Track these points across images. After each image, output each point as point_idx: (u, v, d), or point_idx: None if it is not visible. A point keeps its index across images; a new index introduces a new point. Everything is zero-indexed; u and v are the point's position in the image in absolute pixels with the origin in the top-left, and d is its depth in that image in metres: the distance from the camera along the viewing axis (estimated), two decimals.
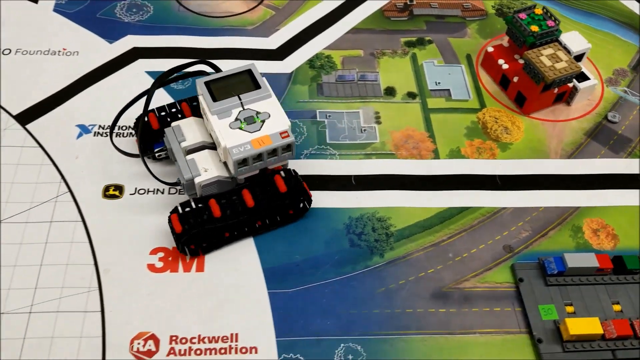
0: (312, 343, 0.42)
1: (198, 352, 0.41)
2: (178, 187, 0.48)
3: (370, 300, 0.44)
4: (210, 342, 0.42)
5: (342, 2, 0.65)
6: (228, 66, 0.57)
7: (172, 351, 0.41)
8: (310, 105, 0.56)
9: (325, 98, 0.56)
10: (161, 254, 0.45)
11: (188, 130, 0.47)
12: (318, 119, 0.55)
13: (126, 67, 0.57)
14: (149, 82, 0.56)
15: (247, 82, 0.46)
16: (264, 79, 0.47)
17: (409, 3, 0.66)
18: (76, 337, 0.41)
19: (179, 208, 0.44)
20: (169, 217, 0.44)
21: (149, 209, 0.48)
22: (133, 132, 0.52)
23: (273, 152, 0.44)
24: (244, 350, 0.41)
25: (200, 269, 0.45)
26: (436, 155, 0.53)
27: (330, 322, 0.43)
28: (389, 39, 0.62)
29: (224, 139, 0.43)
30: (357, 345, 0.42)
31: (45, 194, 0.48)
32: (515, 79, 0.56)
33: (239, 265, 0.45)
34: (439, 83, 0.58)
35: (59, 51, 0.58)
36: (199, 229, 0.43)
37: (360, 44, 0.61)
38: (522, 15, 0.57)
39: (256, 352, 0.41)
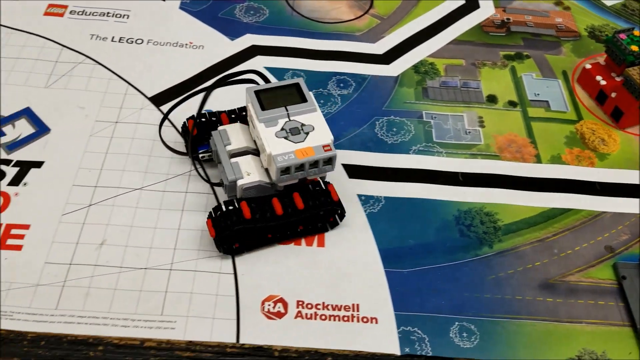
0: (428, 319, 0.45)
1: (323, 317, 0.44)
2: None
3: (481, 285, 0.47)
4: (333, 309, 0.45)
5: (442, 16, 0.69)
6: (336, 67, 0.62)
7: (299, 314, 0.44)
8: (417, 106, 0.60)
9: (431, 101, 0.60)
10: None
11: (233, 135, 0.49)
12: (424, 119, 0.58)
13: (246, 62, 0.62)
14: (268, 76, 0.61)
15: (294, 94, 0.49)
16: (310, 93, 0.49)
17: (505, 20, 0.70)
18: (212, 294, 0.45)
19: (212, 213, 0.46)
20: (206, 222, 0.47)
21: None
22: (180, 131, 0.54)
23: (315, 163, 0.46)
24: (365, 319, 0.45)
25: (321, 244, 0.49)
26: (538, 160, 0.56)
27: (444, 301, 0.46)
28: (488, 52, 0.66)
29: (269, 146, 0.45)
30: (470, 325, 0.45)
31: (180, 167, 0.52)
32: (614, 95, 0.59)
33: (356, 244, 0.49)
34: (538, 94, 0.62)
35: (186, 44, 0.63)
36: (230, 231, 0.45)
37: (462, 54, 0.65)
38: (622, 36, 0.60)
39: (376, 323, 0.44)
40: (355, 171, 0.54)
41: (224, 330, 0.43)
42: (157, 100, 0.58)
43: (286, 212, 0.46)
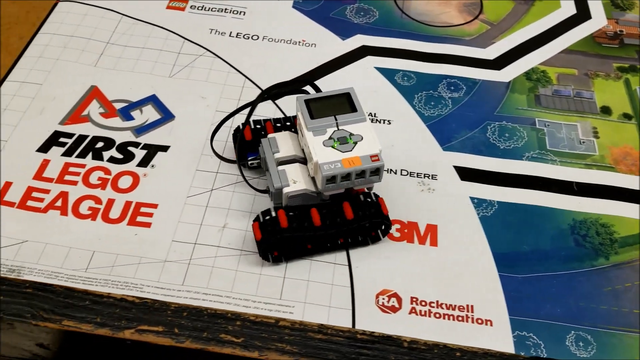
0: (543, 325, 0.44)
1: (437, 315, 0.45)
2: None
3: (597, 296, 0.46)
4: (447, 308, 0.45)
5: (552, 25, 0.69)
6: (446, 70, 0.63)
7: (413, 310, 0.45)
8: (529, 113, 0.59)
9: (543, 108, 0.60)
10: (398, 226, 0.50)
11: (282, 143, 0.49)
12: (537, 127, 0.58)
13: (357, 62, 0.63)
14: (378, 76, 0.62)
15: (344, 104, 0.48)
16: (360, 102, 0.48)
17: (619, 32, 0.68)
18: (328, 284, 0.46)
19: (260, 217, 0.47)
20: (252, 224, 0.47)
21: (383, 185, 0.52)
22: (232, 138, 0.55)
23: (361, 173, 0.46)
24: (479, 321, 0.45)
25: (433, 243, 0.49)
26: None
27: (559, 309, 0.45)
28: (601, 63, 0.65)
29: (316, 154, 0.45)
30: (587, 335, 0.44)
31: None
32: None
33: (469, 246, 0.49)
34: None
35: (299, 42, 0.65)
36: (274, 238, 0.45)
37: (574, 64, 0.64)
38: None
39: (491, 325, 0.44)
40: (467, 174, 0.54)
41: (340, 319, 0.44)
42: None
43: (325, 222, 0.46)
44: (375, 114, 0.58)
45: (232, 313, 0.37)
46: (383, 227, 0.48)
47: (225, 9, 0.68)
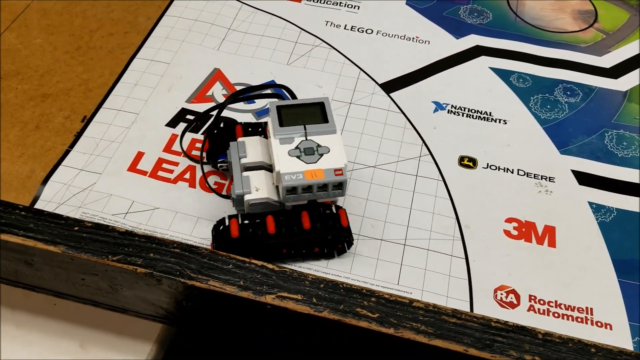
0: None
1: (555, 315, 0.45)
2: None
3: None
4: (566, 309, 0.45)
5: None
6: (561, 75, 0.62)
7: (531, 308, 0.45)
8: None
9: None
10: (515, 224, 0.50)
11: (251, 148, 0.48)
12: None
13: (470, 61, 0.64)
14: (492, 77, 0.62)
15: (316, 114, 0.47)
16: (333, 114, 0.47)
17: None
18: (445, 274, 0.47)
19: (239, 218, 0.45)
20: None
21: (499, 183, 0.53)
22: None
23: (324, 186, 0.44)
24: (599, 324, 0.44)
25: (551, 244, 0.49)
26: None
27: None
28: None
29: (279, 164, 0.44)
30: None
31: (410, 152, 0.55)
32: None
33: (588, 250, 0.48)
34: None
35: (413, 38, 0.66)
36: (225, 247, 0.44)
37: None
38: None
39: (610, 329, 0.44)
40: (585, 179, 0.53)
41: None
42: (387, 87, 0.61)
43: (281, 231, 0.44)
44: (490, 112, 0.58)
45: (366, 289, 0.38)
46: (344, 239, 0.46)
47: (340, 3, 0.70)
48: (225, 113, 0.57)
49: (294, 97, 0.52)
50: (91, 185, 0.50)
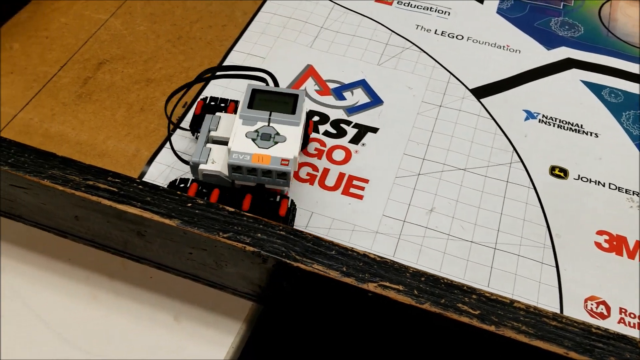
0: None
1: None
2: None
3: None
4: None
5: None
6: None
7: (622, 321, 0.45)
8: None
9: None
10: (606, 237, 0.50)
11: (225, 124, 0.49)
12: None
13: (561, 73, 0.64)
14: (583, 90, 0.62)
15: (287, 104, 0.48)
16: (305, 107, 0.48)
17: None
18: (535, 281, 0.47)
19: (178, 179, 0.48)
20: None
21: (590, 195, 0.52)
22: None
23: (268, 172, 0.45)
24: None
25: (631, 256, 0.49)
26: None
27: None
28: None
29: (233, 142, 0.46)
30: None
31: (500, 158, 0.55)
32: None
33: None
34: None
35: (503, 46, 0.66)
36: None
37: None
38: None
39: None
40: None
41: None
42: (477, 92, 0.61)
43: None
44: (582, 125, 0.58)
45: (467, 286, 0.38)
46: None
47: (431, 8, 0.71)
48: (312, 106, 0.58)
49: (276, 84, 0.53)
50: None
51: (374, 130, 0.57)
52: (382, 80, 0.62)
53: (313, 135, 0.56)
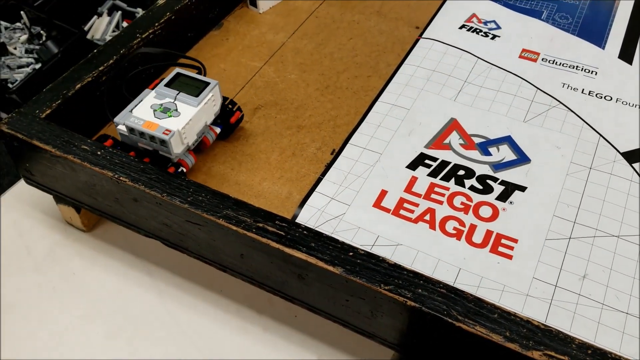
0: None
1: None
2: None
3: None
4: None
5: None
6: None
7: None
8: None
9: None
10: None
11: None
12: None
13: None
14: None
15: (197, 88, 0.56)
16: (209, 95, 0.56)
17: None
18: None
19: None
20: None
21: None
22: None
23: (153, 138, 0.53)
24: None
25: None
26: None
27: None
28: None
29: (137, 109, 0.54)
30: None
31: None
32: None
33: None
34: None
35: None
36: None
37: None
38: None
39: None
40: None
41: None
42: (629, 156, 0.59)
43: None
44: None
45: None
46: None
47: (577, 67, 0.70)
48: (457, 160, 0.59)
49: (203, 74, 0.60)
50: (341, 215, 0.55)
51: (522, 188, 0.57)
52: (529, 138, 0.62)
53: (458, 189, 0.57)
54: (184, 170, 0.56)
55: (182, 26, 0.71)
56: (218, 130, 0.60)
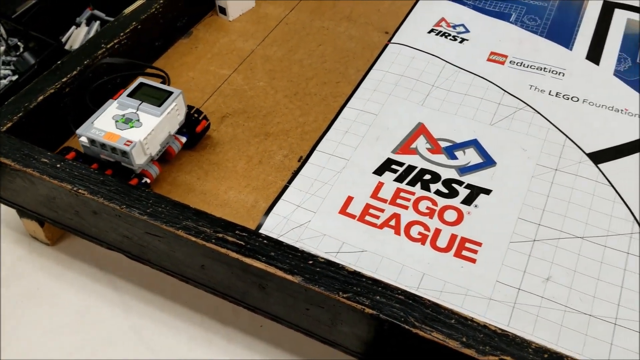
0: None
1: None
2: None
3: None
4: None
5: None
6: None
7: None
8: None
9: None
10: None
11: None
12: None
13: None
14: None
15: (160, 99, 0.55)
16: (173, 105, 0.55)
17: None
18: None
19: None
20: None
21: None
22: None
23: (114, 150, 0.52)
24: None
25: None
26: None
27: None
28: None
29: (99, 120, 0.53)
30: None
31: (620, 227, 0.53)
32: None
33: None
34: None
35: (621, 110, 0.64)
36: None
37: None
38: None
39: None
40: None
41: None
42: (595, 157, 0.60)
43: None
44: None
45: None
46: None
47: (544, 68, 0.70)
48: (424, 164, 0.59)
49: (167, 84, 0.60)
50: (307, 222, 0.55)
51: (487, 192, 0.57)
52: (495, 141, 0.62)
53: (424, 193, 0.57)
54: (148, 181, 0.55)
55: (149, 35, 0.70)
56: (184, 139, 0.60)
